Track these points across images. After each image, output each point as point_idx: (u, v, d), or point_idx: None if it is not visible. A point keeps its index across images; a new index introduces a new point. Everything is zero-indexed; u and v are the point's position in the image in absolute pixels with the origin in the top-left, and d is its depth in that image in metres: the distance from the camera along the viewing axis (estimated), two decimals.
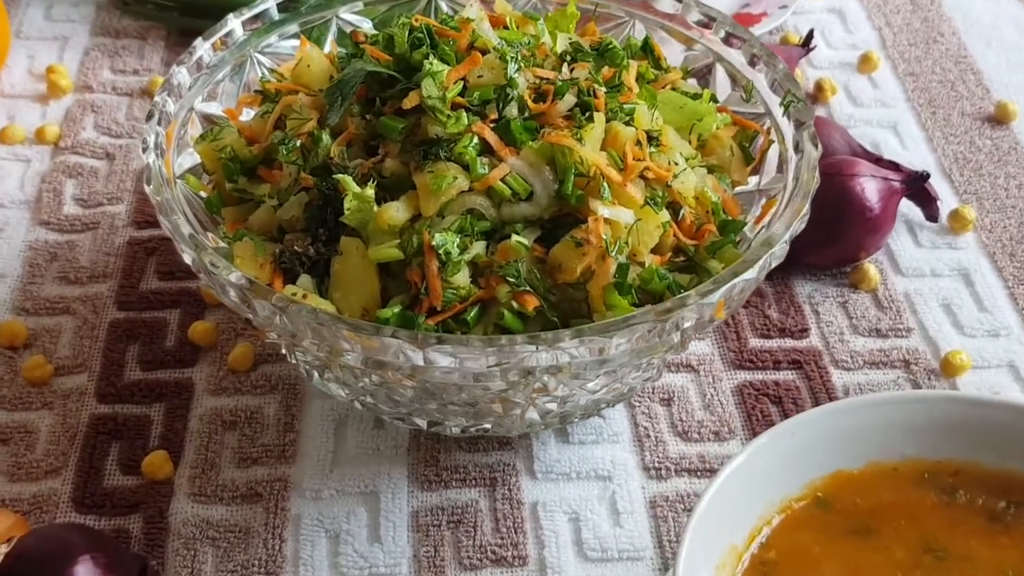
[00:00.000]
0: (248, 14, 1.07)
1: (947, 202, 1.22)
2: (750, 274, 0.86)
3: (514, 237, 0.88)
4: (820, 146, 0.95)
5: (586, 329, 0.82)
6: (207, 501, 0.97)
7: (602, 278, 0.88)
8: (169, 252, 1.16)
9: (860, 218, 1.12)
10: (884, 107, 1.34)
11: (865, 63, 1.38)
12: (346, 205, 0.89)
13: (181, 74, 1.01)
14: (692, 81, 1.07)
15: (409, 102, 0.91)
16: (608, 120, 0.93)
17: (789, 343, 1.10)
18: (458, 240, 0.87)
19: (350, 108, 0.94)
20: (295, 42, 1.10)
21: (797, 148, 0.96)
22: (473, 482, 0.98)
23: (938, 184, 1.23)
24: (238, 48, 1.07)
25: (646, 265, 0.90)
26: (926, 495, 0.83)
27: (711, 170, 0.99)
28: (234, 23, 1.06)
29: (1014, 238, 1.19)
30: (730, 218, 0.96)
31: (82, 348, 1.08)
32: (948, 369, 1.07)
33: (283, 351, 0.99)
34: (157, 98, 0.98)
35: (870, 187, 1.13)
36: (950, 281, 1.16)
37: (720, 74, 1.07)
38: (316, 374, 0.96)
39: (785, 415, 1.03)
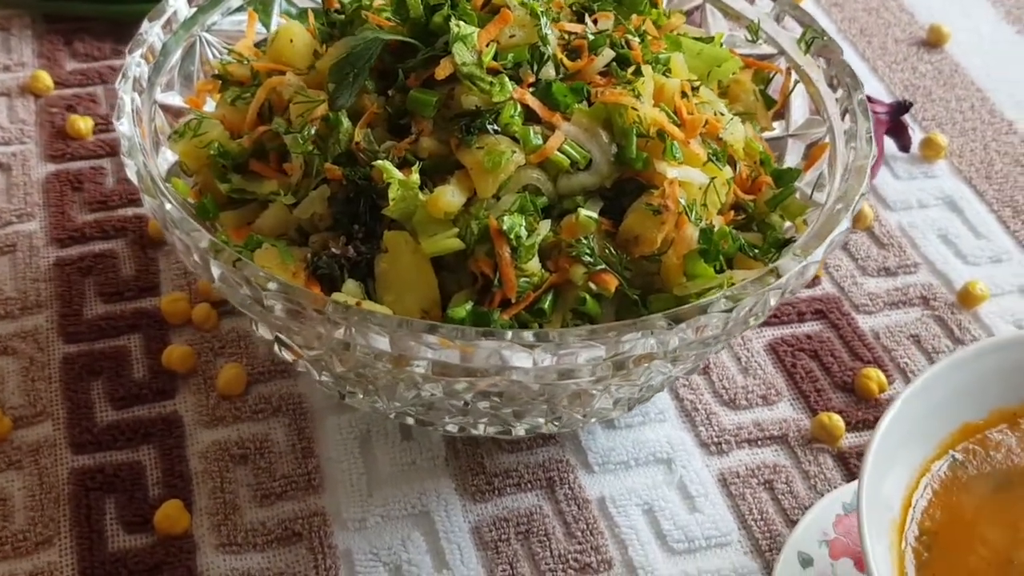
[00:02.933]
0: None
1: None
2: (846, 223, 0.80)
3: (581, 211, 0.79)
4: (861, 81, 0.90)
5: (703, 306, 0.73)
6: (239, 550, 0.84)
7: (681, 246, 0.80)
8: (108, 270, 1.01)
9: None
10: None
11: None
12: (391, 195, 0.77)
13: (140, 64, 0.87)
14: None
15: (442, 71, 0.80)
16: None
17: (805, 292, 1.04)
18: (524, 222, 0.78)
19: (364, 85, 0.82)
20: (240, 17, 0.96)
21: (834, 85, 0.90)
22: (528, 485, 0.89)
23: None
24: (184, 29, 0.93)
25: (715, 228, 0.82)
26: None
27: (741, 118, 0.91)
28: (178, 1, 0.92)
29: (984, 160, 1.17)
30: (783, 168, 0.89)
31: (37, 393, 0.92)
32: (968, 300, 1.04)
33: (302, 369, 0.87)
34: (122, 93, 0.84)
35: None
36: (939, 211, 1.13)
37: (711, 16, 1.00)
38: (356, 392, 0.84)
39: (826, 369, 0.98)
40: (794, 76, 0.94)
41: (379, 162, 0.78)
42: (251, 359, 0.95)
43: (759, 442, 0.93)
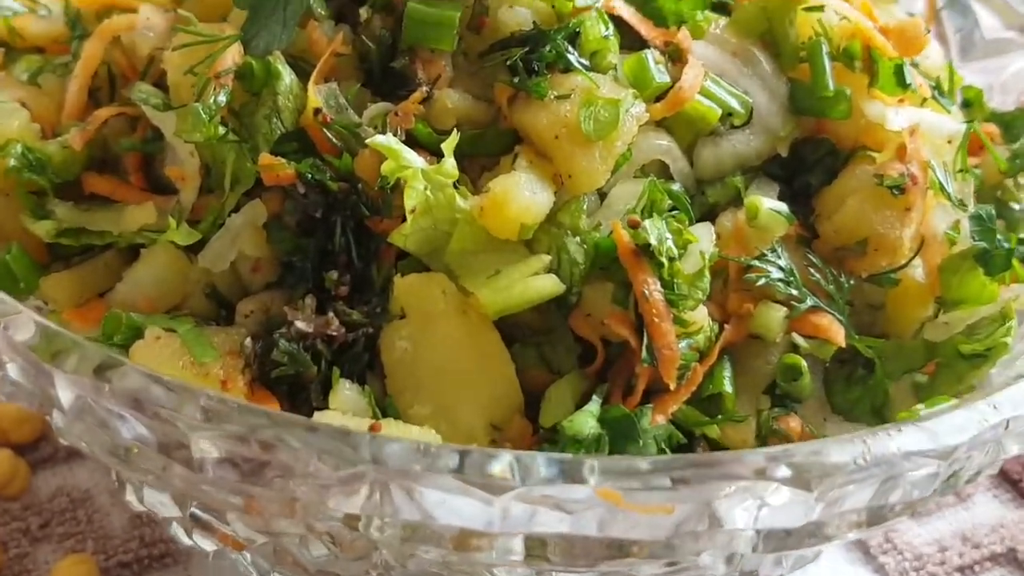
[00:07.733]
0: None
1: None
2: None
3: (762, 202, 0.42)
4: None
5: None
6: None
7: (936, 248, 0.44)
8: None
9: None
10: None
11: None
12: (406, 204, 0.38)
13: None
14: None
15: None
16: None
17: None
18: (667, 230, 0.40)
19: (308, 6, 0.43)
20: None
21: None
22: None
23: None
24: None
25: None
26: None
27: None
28: None
29: None
30: (1011, 111, 0.54)
31: None
32: None
33: (219, 558, 0.46)
34: None
35: None
36: None
37: None
38: None
39: None
40: None
41: (376, 139, 0.39)
42: (101, 540, 0.56)
43: (977, 567, 0.57)
